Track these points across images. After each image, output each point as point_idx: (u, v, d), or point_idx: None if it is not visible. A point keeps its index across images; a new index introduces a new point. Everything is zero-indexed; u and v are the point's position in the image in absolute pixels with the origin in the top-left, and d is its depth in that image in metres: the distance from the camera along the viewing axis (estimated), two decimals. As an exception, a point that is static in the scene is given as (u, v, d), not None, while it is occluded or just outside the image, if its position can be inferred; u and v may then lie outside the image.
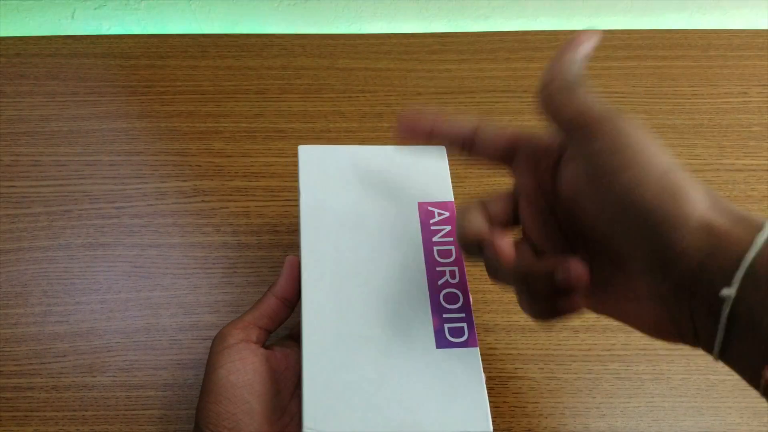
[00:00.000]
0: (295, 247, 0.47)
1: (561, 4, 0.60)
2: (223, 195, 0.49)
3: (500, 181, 0.49)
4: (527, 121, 0.53)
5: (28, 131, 0.52)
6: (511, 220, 0.30)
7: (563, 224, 0.29)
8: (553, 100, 0.27)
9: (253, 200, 0.49)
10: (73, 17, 0.61)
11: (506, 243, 0.27)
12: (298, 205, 0.35)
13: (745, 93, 0.55)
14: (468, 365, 0.29)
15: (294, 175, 0.50)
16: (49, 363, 0.41)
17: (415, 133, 0.32)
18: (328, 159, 0.36)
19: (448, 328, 0.31)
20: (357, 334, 0.30)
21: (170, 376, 0.41)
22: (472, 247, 0.29)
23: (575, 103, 0.26)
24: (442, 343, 0.30)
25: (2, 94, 0.54)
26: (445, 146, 0.33)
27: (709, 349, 0.23)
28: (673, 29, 0.61)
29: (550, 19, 0.62)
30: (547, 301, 0.27)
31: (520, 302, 0.29)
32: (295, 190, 0.49)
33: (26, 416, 0.39)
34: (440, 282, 0.32)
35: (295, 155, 0.51)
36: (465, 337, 0.30)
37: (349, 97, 0.55)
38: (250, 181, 0.50)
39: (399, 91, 0.55)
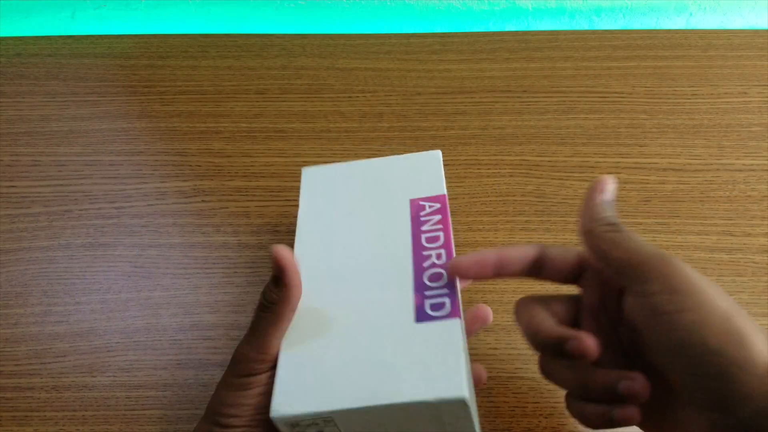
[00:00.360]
0: (295, 247, 0.47)
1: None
2: (223, 195, 0.49)
3: (500, 181, 0.49)
4: (527, 121, 0.53)
5: (28, 131, 0.52)
6: (571, 324, 0.31)
7: (625, 344, 0.30)
8: (599, 241, 0.29)
9: (253, 200, 0.49)
10: (73, 17, 0.61)
11: (594, 341, 0.27)
12: (297, 215, 0.36)
13: (745, 93, 0.55)
14: (447, 335, 0.29)
15: (293, 175, 0.50)
16: (49, 363, 0.41)
17: (482, 273, 0.32)
18: (330, 176, 0.38)
19: (430, 304, 0.31)
20: (337, 317, 0.30)
21: (170, 376, 0.41)
22: (546, 343, 0.29)
23: (623, 245, 0.28)
24: (421, 317, 0.30)
25: (2, 94, 0.54)
26: (514, 277, 0.33)
27: None
28: (673, 29, 0.61)
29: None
30: (603, 409, 0.28)
31: (569, 406, 0.30)
32: (295, 190, 0.49)
33: (26, 416, 0.39)
34: (426, 264, 0.33)
35: (295, 155, 0.51)
36: (446, 311, 0.30)
37: (349, 97, 0.55)
38: (250, 181, 0.50)
39: (399, 91, 0.55)
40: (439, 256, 0.33)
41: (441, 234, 0.34)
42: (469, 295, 0.44)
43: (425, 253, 0.33)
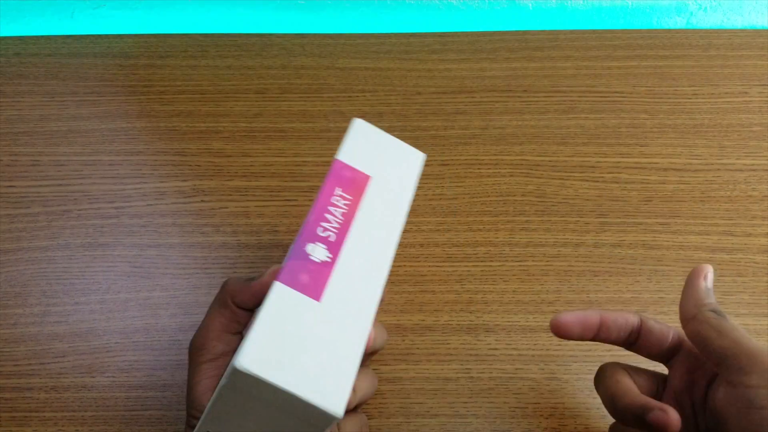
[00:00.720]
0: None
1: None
2: (222, 195, 0.49)
3: (500, 181, 0.49)
4: (527, 121, 0.53)
5: (27, 131, 0.52)
6: (653, 396, 0.32)
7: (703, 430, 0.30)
8: (704, 328, 0.29)
9: (252, 200, 0.49)
10: (72, 17, 0.61)
11: (677, 416, 0.27)
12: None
13: (746, 93, 0.55)
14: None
15: (293, 175, 0.50)
16: (48, 363, 0.41)
17: (583, 335, 0.32)
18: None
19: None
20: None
21: (170, 377, 0.41)
22: (628, 409, 0.29)
23: (730, 335, 0.28)
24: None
25: (1, 93, 0.54)
26: (608, 342, 0.33)
27: None
28: (674, 29, 0.61)
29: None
30: None
31: None
32: (295, 189, 0.49)
33: (25, 417, 0.39)
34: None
35: (295, 155, 0.51)
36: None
37: (349, 96, 0.55)
38: (250, 181, 0.49)
39: (399, 90, 0.55)
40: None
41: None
42: (468, 296, 0.44)
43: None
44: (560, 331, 0.32)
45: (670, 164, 0.50)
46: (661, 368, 0.33)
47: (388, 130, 0.53)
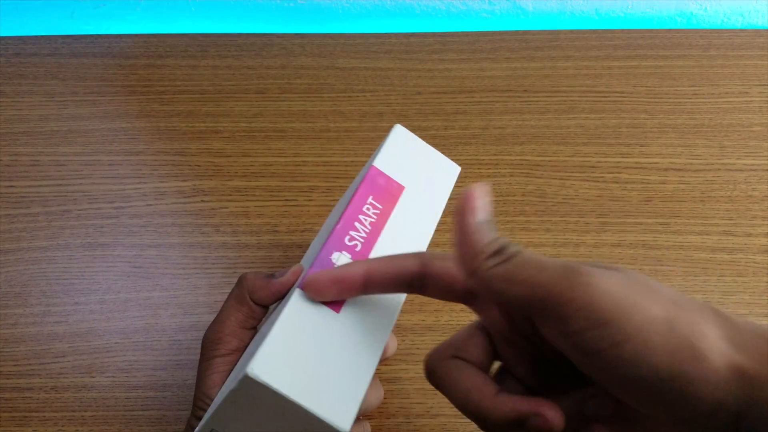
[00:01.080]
0: (294, 247, 0.46)
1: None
2: (222, 195, 0.49)
3: (500, 181, 0.49)
4: (527, 121, 0.53)
5: (27, 131, 0.52)
6: (492, 357, 0.26)
7: (558, 365, 0.24)
8: (489, 282, 0.22)
9: (252, 200, 0.48)
10: (72, 17, 0.61)
11: (557, 412, 0.23)
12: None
13: (746, 92, 0.55)
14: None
15: (293, 175, 0.50)
16: (48, 363, 0.41)
17: (342, 294, 0.27)
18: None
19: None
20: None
21: (170, 377, 0.41)
22: (497, 425, 0.23)
23: (520, 278, 0.22)
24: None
25: (1, 93, 0.54)
26: (386, 292, 0.28)
27: None
28: (674, 28, 0.60)
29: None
30: None
31: None
32: (295, 189, 0.49)
33: (25, 417, 0.39)
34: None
35: (295, 155, 0.51)
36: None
37: (349, 96, 0.54)
38: (250, 181, 0.49)
39: (399, 90, 0.55)
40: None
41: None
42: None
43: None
44: (313, 294, 0.27)
45: (670, 164, 0.50)
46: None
47: (389, 129, 0.53)
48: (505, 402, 0.23)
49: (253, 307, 0.32)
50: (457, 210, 0.24)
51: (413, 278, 0.26)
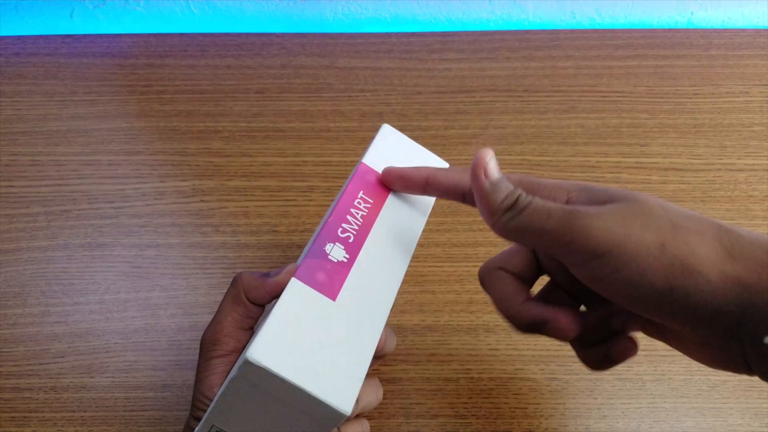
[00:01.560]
0: (294, 247, 0.46)
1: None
2: (222, 195, 0.49)
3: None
4: (528, 120, 0.53)
5: (26, 131, 0.52)
6: (536, 270, 0.30)
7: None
8: (509, 235, 0.27)
9: (252, 200, 0.48)
10: (71, 17, 0.61)
11: (570, 320, 0.27)
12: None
13: (747, 92, 0.55)
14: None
15: (292, 175, 0.50)
16: (48, 364, 0.41)
17: (405, 185, 0.32)
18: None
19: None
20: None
21: (169, 377, 0.41)
22: (523, 326, 0.28)
23: (531, 227, 0.26)
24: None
25: (1, 93, 0.54)
26: (443, 198, 0.31)
27: (765, 380, 0.24)
28: (675, 28, 0.60)
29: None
30: (598, 350, 0.29)
31: (578, 354, 0.30)
32: (295, 189, 0.49)
33: (25, 417, 0.39)
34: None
35: (295, 155, 0.51)
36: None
37: (349, 96, 0.54)
38: (249, 181, 0.49)
39: (399, 90, 0.55)
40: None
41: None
42: (469, 296, 0.44)
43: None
44: (385, 182, 0.33)
45: (670, 164, 0.50)
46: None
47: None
48: (530, 309, 0.28)
49: (249, 306, 0.32)
50: (471, 176, 0.27)
51: (466, 193, 0.30)
